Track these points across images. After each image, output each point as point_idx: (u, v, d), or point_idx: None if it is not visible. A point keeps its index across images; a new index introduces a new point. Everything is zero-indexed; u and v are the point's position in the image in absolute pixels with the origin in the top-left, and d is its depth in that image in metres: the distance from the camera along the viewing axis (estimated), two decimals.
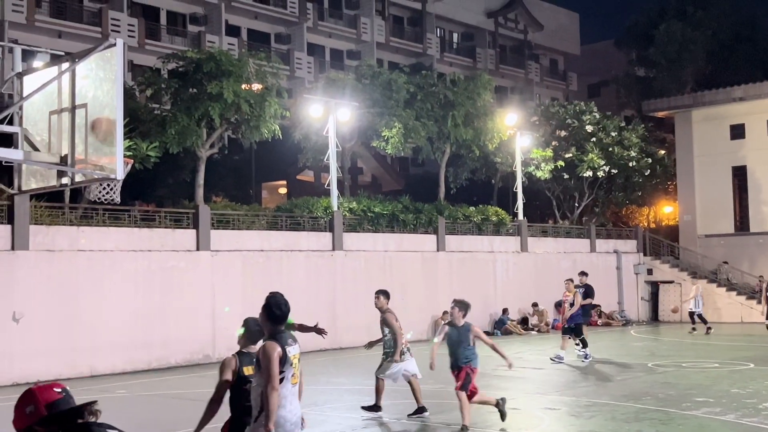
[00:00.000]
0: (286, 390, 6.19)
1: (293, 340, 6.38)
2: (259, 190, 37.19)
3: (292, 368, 6.24)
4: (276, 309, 6.31)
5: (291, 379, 6.24)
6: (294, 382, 6.28)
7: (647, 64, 46.53)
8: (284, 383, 6.17)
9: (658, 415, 12.14)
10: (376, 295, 13.02)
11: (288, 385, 6.21)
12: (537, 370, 18.41)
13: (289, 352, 6.22)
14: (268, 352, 6.13)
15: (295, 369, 6.27)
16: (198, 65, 22.44)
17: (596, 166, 33.61)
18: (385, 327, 12.68)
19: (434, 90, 29.68)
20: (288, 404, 6.23)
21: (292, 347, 6.28)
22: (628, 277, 34.36)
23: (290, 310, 6.46)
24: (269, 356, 6.10)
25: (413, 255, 26.52)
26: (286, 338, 6.32)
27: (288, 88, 33.98)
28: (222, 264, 21.44)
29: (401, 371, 12.49)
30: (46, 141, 8.23)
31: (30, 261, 17.89)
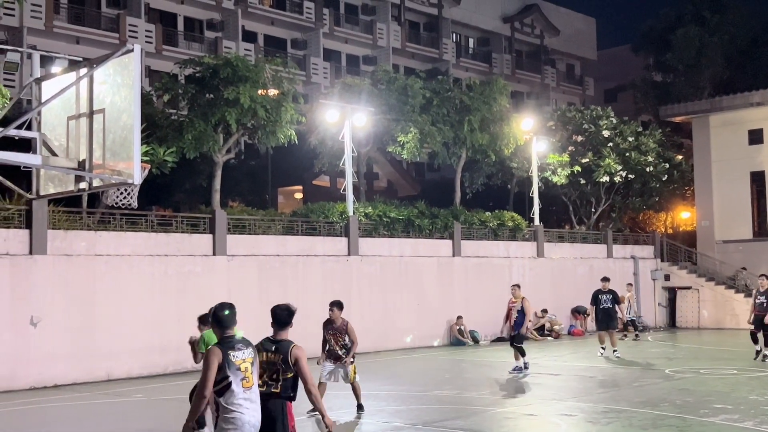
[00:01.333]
0: (238, 394, 6.20)
1: (244, 344, 6.42)
2: (275, 195, 37.30)
3: (240, 372, 6.25)
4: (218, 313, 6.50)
5: (241, 383, 6.24)
6: (247, 385, 6.26)
7: (664, 69, 46.29)
8: (232, 387, 6.20)
9: (675, 421, 12.05)
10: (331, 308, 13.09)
11: (238, 388, 6.21)
12: (553, 376, 18.32)
13: (234, 357, 6.26)
14: (208, 358, 6.28)
15: (246, 373, 6.29)
16: (215, 71, 22.54)
17: (613, 172, 33.46)
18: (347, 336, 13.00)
19: (450, 95, 29.66)
20: (243, 408, 6.23)
21: (239, 352, 6.32)
22: (645, 283, 34.17)
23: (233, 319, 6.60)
24: (207, 362, 6.23)
25: (429, 260, 26.49)
26: (233, 343, 6.36)
27: (304, 93, 34.08)
28: (238, 269, 21.49)
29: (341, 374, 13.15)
30: (64, 146, 8.30)
31: (48, 265, 18.01)
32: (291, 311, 7.09)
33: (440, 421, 12.63)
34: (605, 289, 21.25)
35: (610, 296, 21.13)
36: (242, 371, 6.29)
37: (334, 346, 12.88)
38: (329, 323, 13.01)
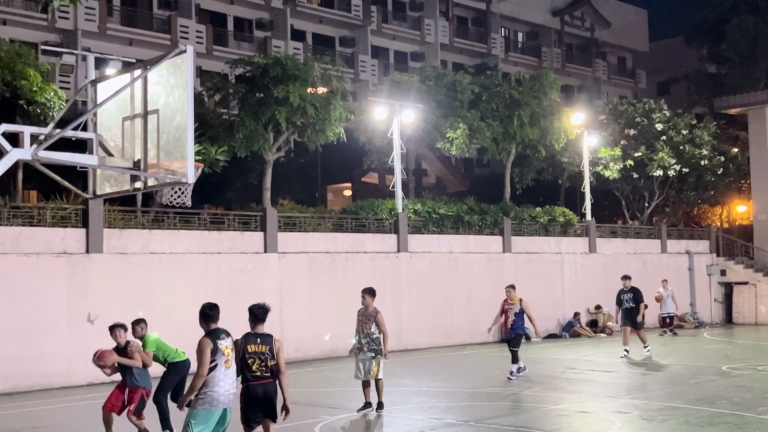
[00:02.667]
0: (220, 373, 7.96)
1: (225, 334, 8.23)
2: (324, 193, 37.49)
3: (224, 356, 8.03)
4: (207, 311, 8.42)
5: (224, 364, 8.03)
6: (227, 366, 8.05)
7: (719, 60, 45.36)
8: (218, 368, 7.96)
9: (733, 419, 11.82)
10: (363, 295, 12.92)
11: (222, 369, 7.98)
12: (607, 372, 18.12)
13: (220, 344, 8.06)
14: (201, 346, 8.00)
15: (228, 357, 8.08)
16: (265, 70, 22.73)
17: (667, 165, 32.90)
18: (375, 325, 12.69)
19: (499, 90, 29.47)
20: (222, 383, 7.98)
21: (223, 340, 8.12)
22: (700, 278, 33.55)
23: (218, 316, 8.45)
24: (201, 350, 7.97)
25: (479, 256, 26.37)
26: (219, 333, 8.17)
27: (352, 91, 34.16)
28: (289, 266, 21.66)
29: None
30: (119, 146, 8.46)
31: (104, 264, 18.36)
32: (266, 309, 8.96)
33: (492, 418, 12.58)
34: (627, 288, 20.32)
35: (631, 295, 20.17)
36: (225, 355, 8.06)
37: (360, 334, 12.72)
38: (361, 311, 12.96)
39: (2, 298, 17.04)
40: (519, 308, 16.85)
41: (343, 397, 14.66)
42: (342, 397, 14.62)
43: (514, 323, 16.83)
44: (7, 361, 16.82)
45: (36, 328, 17.26)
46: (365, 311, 12.76)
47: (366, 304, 12.75)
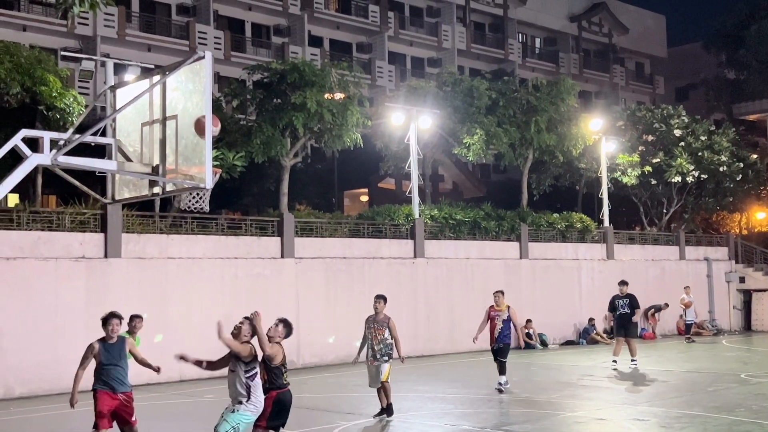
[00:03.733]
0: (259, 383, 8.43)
1: None
2: (341, 198, 37.53)
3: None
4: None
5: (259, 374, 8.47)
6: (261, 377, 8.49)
7: (737, 66, 45.12)
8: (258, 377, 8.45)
9: (752, 427, 11.72)
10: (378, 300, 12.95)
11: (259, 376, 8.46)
12: (625, 379, 18.01)
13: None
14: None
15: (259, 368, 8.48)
16: (282, 76, 22.82)
17: (685, 171, 32.71)
18: (388, 331, 12.72)
19: (516, 96, 29.42)
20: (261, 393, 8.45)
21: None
22: (719, 285, 33.31)
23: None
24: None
25: (496, 262, 26.31)
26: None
27: (369, 96, 34.22)
28: (306, 271, 21.70)
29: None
30: (138, 152, 8.51)
31: (122, 268, 18.47)
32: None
33: (509, 424, 12.53)
34: (623, 294, 19.81)
35: (627, 301, 19.66)
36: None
37: (372, 341, 12.65)
38: (371, 318, 12.87)
39: (21, 303, 17.17)
40: (507, 315, 15.98)
41: (359, 402, 14.66)
42: (359, 403, 14.62)
43: (502, 331, 15.96)
44: (25, 366, 16.94)
45: (54, 333, 17.37)
46: (376, 318, 12.78)
47: (379, 310, 12.76)
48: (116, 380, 9.75)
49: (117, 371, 9.77)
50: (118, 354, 9.84)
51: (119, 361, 9.81)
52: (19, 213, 17.67)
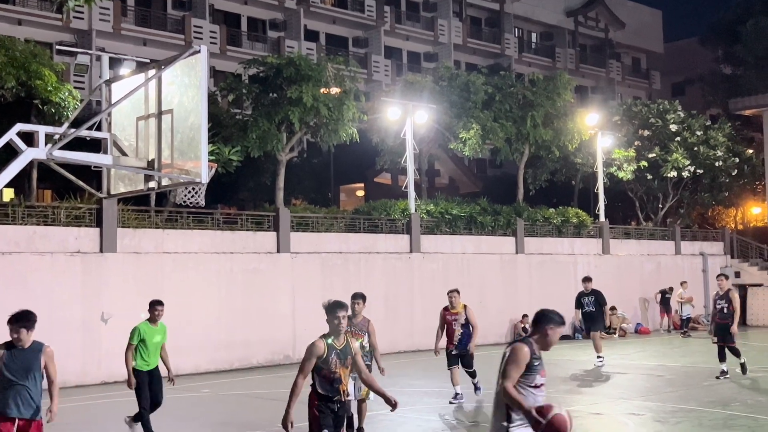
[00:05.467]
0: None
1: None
2: (337, 193, 37.52)
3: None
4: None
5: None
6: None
7: (734, 61, 45.16)
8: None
9: (747, 421, 11.74)
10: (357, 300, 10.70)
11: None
12: (620, 374, 18.04)
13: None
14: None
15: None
16: (278, 70, 22.78)
17: (681, 167, 32.76)
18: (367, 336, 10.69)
19: (513, 91, 29.42)
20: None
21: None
22: (714, 280, 33.31)
23: None
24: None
25: (492, 257, 26.32)
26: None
27: (366, 91, 34.20)
28: (302, 266, 21.70)
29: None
30: (133, 146, 8.49)
31: (118, 263, 18.44)
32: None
33: None
34: (587, 291, 19.42)
35: (592, 298, 19.23)
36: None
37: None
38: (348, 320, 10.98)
39: (16, 297, 17.12)
40: (465, 318, 13.78)
41: None
42: None
43: (463, 338, 13.75)
44: None
45: (50, 327, 17.30)
46: (353, 320, 10.43)
47: (357, 311, 10.61)
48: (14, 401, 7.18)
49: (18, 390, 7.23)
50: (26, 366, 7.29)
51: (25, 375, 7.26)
52: (15, 208, 17.64)
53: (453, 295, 13.99)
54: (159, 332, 10.94)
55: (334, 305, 7.28)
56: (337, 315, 7.23)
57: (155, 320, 10.91)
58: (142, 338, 10.79)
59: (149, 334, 10.83)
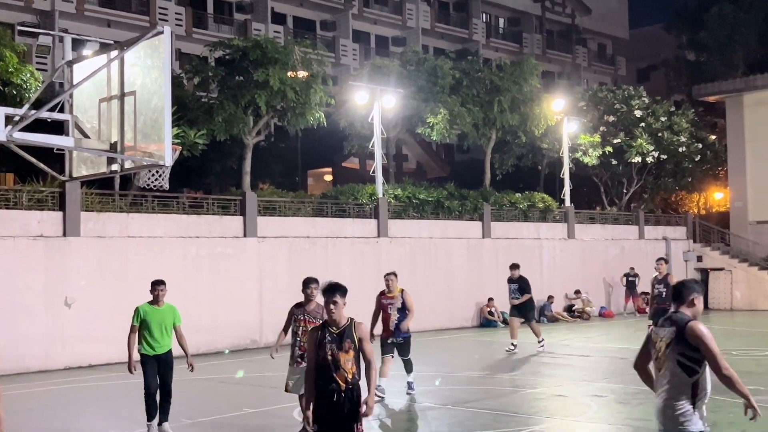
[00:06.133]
0: None
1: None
2: (304, 177, 37.41)
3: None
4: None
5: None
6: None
7: (698, 47, 45.63)
8: None
9: (707, 402, 11.94)
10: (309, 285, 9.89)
11: None
12: (584, 357, 18.27)
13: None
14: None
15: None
16: (244, 53, 22.60)
17: (645, 152, 33.11)
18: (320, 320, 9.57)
19: (480, 76, 29.48)
20: None
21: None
22: (677, 264, 33.83)
23: None
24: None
25: (458, 242, 26.45)
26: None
27: (333, 75, 34.04)
28: (268, 250, 21.63)
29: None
30: (96, 128, 8.37)
31: (81, 247, 18.24)
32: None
33: (470, 401, 12.65)
34: (514, 278, 18.90)
35: (516, 285, 18.75)
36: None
37: (300, 338, 9.78)
38: (300, 308, 9.95)
39: None
40: (401, 302, 13.18)
41: None
42: None
43: (399, 323, 13.12)
44: None
45: (12, 312, 17.13)
46: (307, 308, 9.88)
47: (313, 297, 9.82)
48: None
49: None
50: None
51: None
52: None
53: (390, 278, 13.21)
54: (165, 313, 10.23)
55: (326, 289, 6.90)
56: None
57: (158, 301, 10.27)
58: (143, 319, 10.17)
59: (152, 315, 10.16)
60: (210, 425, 11.20)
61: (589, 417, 11.41)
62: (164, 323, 10.18)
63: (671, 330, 5.77)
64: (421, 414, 11.87)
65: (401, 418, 11.77)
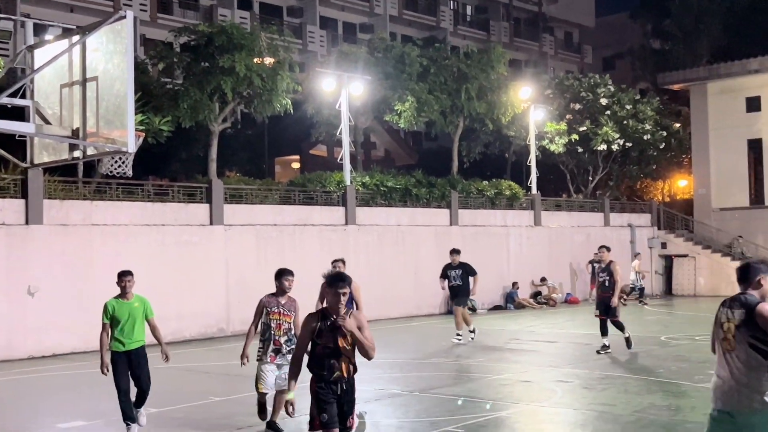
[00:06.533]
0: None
1: None
2: (272, 165, 37.21)
3: None
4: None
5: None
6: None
7: (663, 36, 46.05)
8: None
9: (671, 387, 12.13)
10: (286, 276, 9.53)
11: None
12: (550, 343, 18.42)
13: None
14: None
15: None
16: (210, 39, 22.37)
17: (611, 140, 33.38)
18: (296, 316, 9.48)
19: (447, 63, 29.49)
20: None
21: None
22: (642, 251, 34.21)
23: None
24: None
25: (426, 229, 26.50)
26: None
27: (300, 62, 33.88)
28: (235, 238, 21.50)
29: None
30: (57, 114, 8.23)
31: (44, 235, 17.99)
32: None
33: (437, 388, 12.70)
34: (455, 264, 18.11)
35: (460, 271, 17.98)
36: None
37: (275, 331, 9.37)
38: (273, 301, 9.49)
39: None
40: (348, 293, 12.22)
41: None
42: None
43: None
44: None
45: None
46: (279, 300, 9.47)
47: (287, 289, 9.49)
48: None
49: None
50: None
51: None
52: None
53: (337, 264, 12.21)
54: (133, 306, 9.49)
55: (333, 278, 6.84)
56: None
57: (125, 293, 9.50)
58: (112, 315, 9.40)
59: (120, 309, 9.42)
60: (175, 413, 11.13)
61: (555, 402, 11.51)
62: (135, 317, 9.47)
63: (741, 312, 5.64)
64: (389, 401, 11.89)
65: (367, 407, 11.78)
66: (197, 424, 10.47)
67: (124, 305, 9.46)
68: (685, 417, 10.06)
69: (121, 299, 9.51)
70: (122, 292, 9.53)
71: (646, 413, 10.36)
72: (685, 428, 9.44)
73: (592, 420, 10.18)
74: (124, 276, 9.58)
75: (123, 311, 9.42)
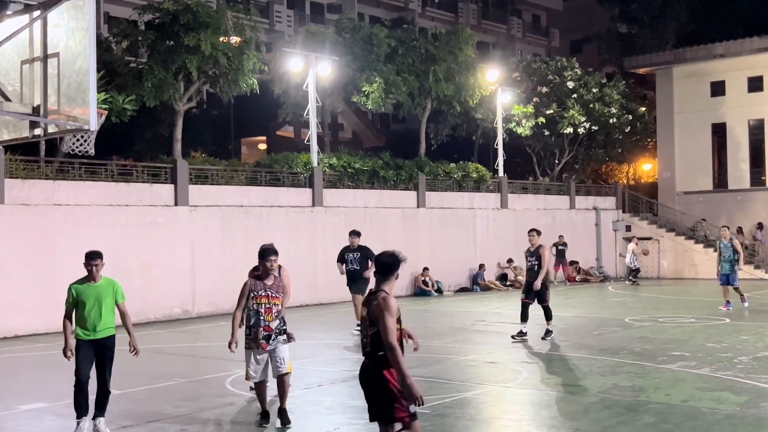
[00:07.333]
0: None
1: None
2: (238, 146, 36.93)
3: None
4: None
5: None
6: None
7: (629, 20, 46.30)
8: None
9: (634, 368, 12.27)
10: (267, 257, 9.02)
11: None
12: (515, 324, 18.50)
13: None
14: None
15: None
16: (175, 17, 22.04)
17: (577, 123, 33.59)
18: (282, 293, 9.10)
19: (415, 44, 29.39)
20: None
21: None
22: (606, 233, 34.59)
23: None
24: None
25: (393, 211, 26.50)
26: None
27: (267, 41, 33.55)
28: (201, 219, 21.33)
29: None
30: (18, 91, 8.04)
31: (5, 215, 17.69)
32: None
33: None
34: (354, 246, 16.63)
35: (358, 255, 16.49)
36: None
37: (264, 316, 8.90)
38: (259, 282, 8.99)
39: None
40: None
41: None
42: None
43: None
44: None
45: None
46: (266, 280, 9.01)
47: (271, 267, 9.01)
48: None
49: None
50: None
51: None
52: None
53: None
54: (103, 290, 8.73)
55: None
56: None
57: (93, 277, 8.69)
58: (77, 299, 8.64)
59: (86, 293, 8.65)
60: (139, 394, 11.03)
61: (520, 383, 11.59)
62: (102, 302, 8.67)
63: None
64: (355, 382, 11.88)
65: (332, 390, 11.77)
66: (160, 404, 10.38)
67: (91, 288, 8.68)
68: (648, 397, 10.18)
69: (87, 282, 8.72)
70: (89, 276, 8.73)
71: (610, 394, 10.47)
72: (647, 409, 9.55)
73: (557, 400, 10.26)
74: (92, 259, 8.70)
75: (89, 295, 8.64)
